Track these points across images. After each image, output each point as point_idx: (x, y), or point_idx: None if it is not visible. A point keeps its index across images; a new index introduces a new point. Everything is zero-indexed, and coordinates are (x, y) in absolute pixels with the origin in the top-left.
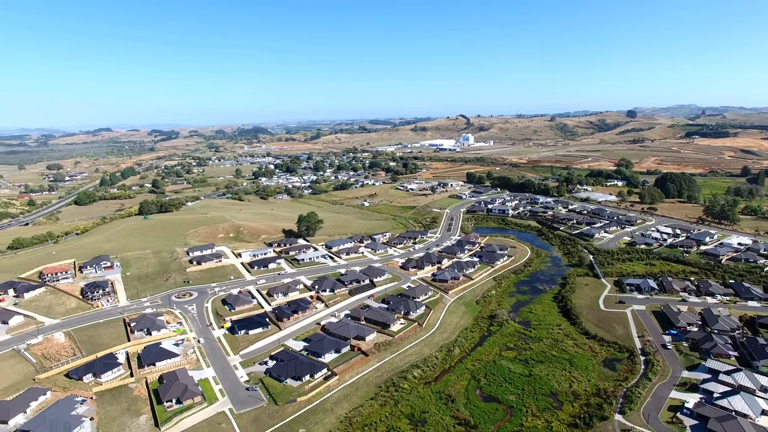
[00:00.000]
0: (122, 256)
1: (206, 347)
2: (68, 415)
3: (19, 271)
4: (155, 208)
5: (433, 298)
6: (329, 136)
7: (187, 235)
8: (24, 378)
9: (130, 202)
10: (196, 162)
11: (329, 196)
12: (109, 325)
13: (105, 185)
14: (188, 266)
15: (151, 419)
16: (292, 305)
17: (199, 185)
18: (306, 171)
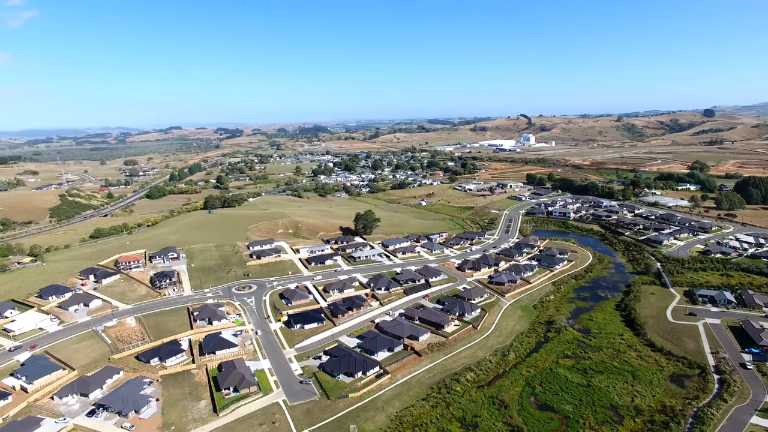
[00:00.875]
0: (188, 248)
1: (263, 339)
2: (137, 394)
3: (98, 258)
4: (219, 203)
5: (488, 301)
6: (388, 135)
7: (248, 229)
8: (101, 357)
9: (196, 196)
10: (258, 159)
11: (387, 194)
12: (174, 313)
13: (174, 180)
14: (248, 260)
15: (210, 405)
16: (347, 302)
17: (260, 182)
18: (364, 169)
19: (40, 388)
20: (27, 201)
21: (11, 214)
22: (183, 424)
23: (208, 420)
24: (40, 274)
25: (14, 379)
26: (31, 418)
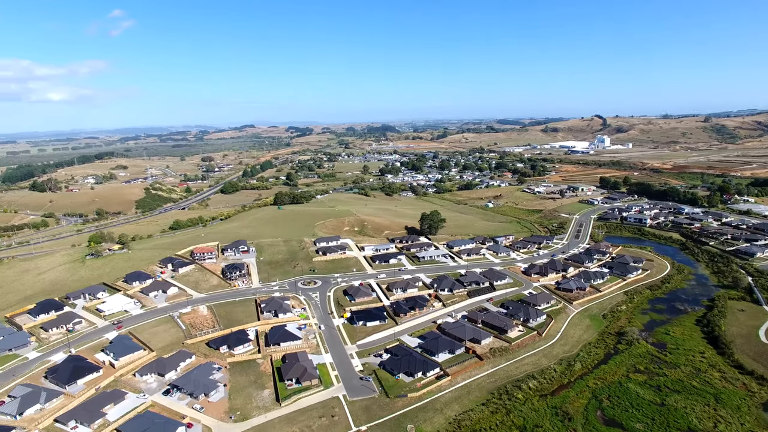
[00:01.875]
0: (257, 242)
1: (326, 334)
2: (207, 378)
3: (176, 248)
4: (288, 199)
5: (555, 308)
6: (456, 135)
7: (315, 226)
8: (176, 341)
9: (266, 192)
10: (327, 157)
11: (453, 195)
12: (242, 304)
13: (246, 176)
14: (314, 256)
15: (274, 394)
16: (409, 301)
17: (328, 179)
18: (431, 169)
19: (124, 365)
20: (118, 193)
21: (104, 205)
22: (247, 411)
23: (271, 408)
24: (127, 261)
25: (104, 355)
26: (118, 392)
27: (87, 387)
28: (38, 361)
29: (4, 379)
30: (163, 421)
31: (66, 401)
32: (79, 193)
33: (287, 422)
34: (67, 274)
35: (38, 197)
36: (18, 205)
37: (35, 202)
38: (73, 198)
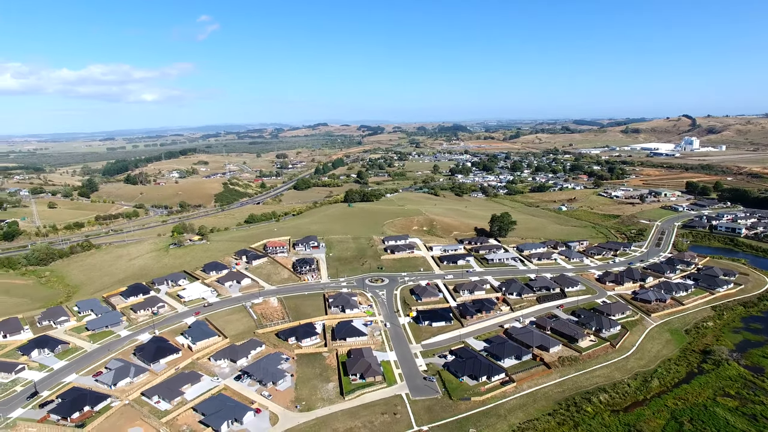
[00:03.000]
0: (327, 238)
1: (391, 332)
2: (276, 367)
3: (250, 241)
4: (358, 197)
5: (630, 319)
6: (529, 136)
7: (384, 224)
8: (247, 330)
9: (337, 190)
10: (397, 156)
11: (525, 197)
12: (311, 298)
13: (318, 174)
14: (383, 254)
15: (338, 387)
16: (476, 304)
17: (398, 178)
18: (502, 170)
19: (201, 349)
20: (198, 187)
21: (187, 198)
22: (312, 402)
23: (335, 401)
24: (205, 252)
25: (183, 338)
26: (194, 373)
27: (168, 366)
28: (128, 339)
29: (102, 353)
30: (234, 404)
31: (150, 377)
32: (165, 187)
33: (350, 416)
34: (153, 261)
35: (131, 189)
36: (114, 196)
37: (128, 193)
38: (160, 191)
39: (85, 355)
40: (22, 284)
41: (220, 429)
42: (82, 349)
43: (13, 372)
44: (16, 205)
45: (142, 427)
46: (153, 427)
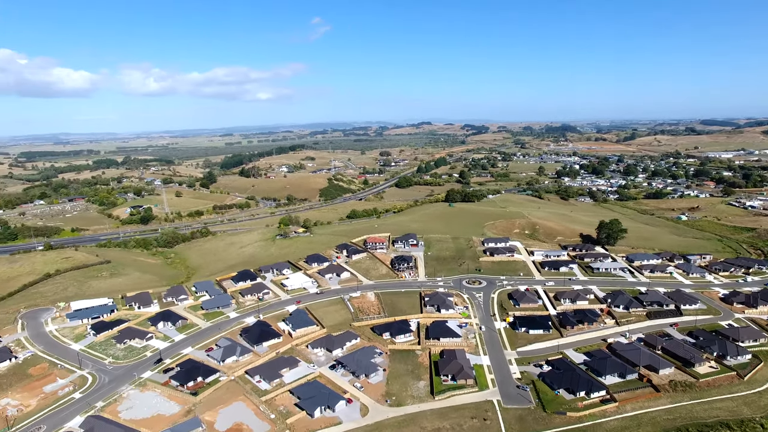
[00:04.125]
0: (426, 236)
1: (486, 335)
2: (369, 361)
3: (351, 236)
4: (459, 197)
5: (765, 348)
6: (646, 138)
7: (485, 226)
8: (344, 321)
9: (438, 189)
10: (501, 157)
11: (638, 204)
12: (407, 295)
13: (420, 172)
14: (481, 255)
15: (429, 387)
16: (578, 314)
17: (501, 179)
18: (614, 174)
19: (300, 336)
20: (305, 182)
21: (294, 192)
22: (402, 398)
23: (425, 400)
24: (308, 244)
25: (284, 325)
26: (293, 359)
27: (270, 350)
28: (236, 321)
29: (213, 331)
30: (327, 392)
31: (254, 358)
32: (275, 180)
33: (439, 416)
34: (260, 250)
35: (244, 182)
36: (230, 188)
37: (242, 185)
38: (269, 184)
39: (200, 332)
40: (152, 263)
41: (314, 414)
42: (197, 326)
43: (144, 339)
44: (151, 193)
45: (245, 403)
46: (253, 403)
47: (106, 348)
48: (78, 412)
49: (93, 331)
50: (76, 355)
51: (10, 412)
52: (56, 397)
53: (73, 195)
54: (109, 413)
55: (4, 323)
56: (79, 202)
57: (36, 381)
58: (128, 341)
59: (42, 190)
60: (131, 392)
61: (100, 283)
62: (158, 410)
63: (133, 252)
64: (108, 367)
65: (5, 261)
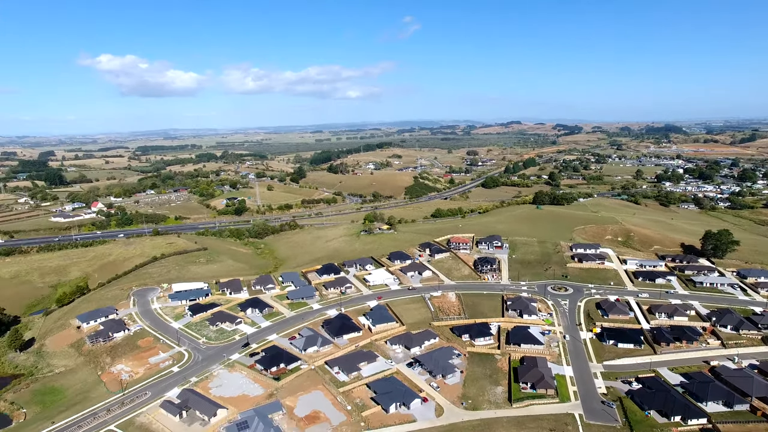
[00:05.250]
0: (511, 239)
1: (570, 345)
2: (446, 361)
3: (434, 235)
4: (548, 199)
5: None
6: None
7: (574, 230)
8: (423, 320)
9: (526, 190)
10: (595, 158)
11: (755, 213)
12: (489, 298)
13: (508, 173)
14: (569, 261)
15: (506, 393)
16: (675, 331)
17: (593, 182)
18: (726, 180)
19: (379, 332)
20: (391, 179)
21: (379, 189)
22: (478, 402)
23: (502, 406)
24: (392, 241)
25: (365, 319)
26: (371, 353)
27: (350, 343)
28: (318, 313)
29: (297, 321)
30: (404, 389)
31: (333, 350)
32: (361, 177)
33: (515, 425)
34: (345, 245)
35: (332, 177)
36: (318, 183)
37: (330, 181)
38: (356, 180)
39: (284, 320)
40: (244, 252)
41: (389, 409)
42: (282, 314)
43: (234, 323)
44: (245, 186)
45: (323, 392)
46: (331, 393)
47: (200, 329)
48: (176, 384)
49: (190, 312)
50: (175, 332)
51: (124, 377)
52: (159, 368)
53: (177, 186)
54: (201, 388)
55: (120, 298)
56: (183, 193)
57: (143, 352)
58: (220, 324)
59: (153, 181)
60: (221, 371)
61: (197, 268)
62: (244, 390)
63: (227, 241)
64: (201, 347)
65: (122, 243)
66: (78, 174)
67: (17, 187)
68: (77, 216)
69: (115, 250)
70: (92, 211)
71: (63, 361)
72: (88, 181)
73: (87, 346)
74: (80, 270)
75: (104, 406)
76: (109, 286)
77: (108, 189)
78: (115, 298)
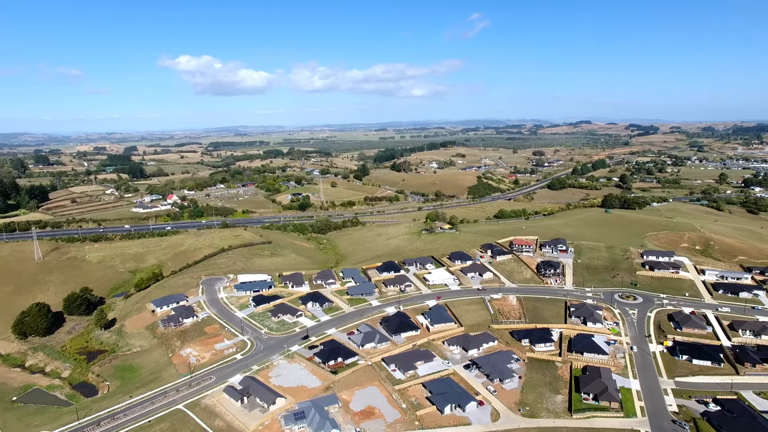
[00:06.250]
0: (576, 243)
1: (638, 357)
2: (505, 365)
3: (496, 236)
4: (618, 202)
5: None
6: None
7: (645, 236)
8: (482, 322)
9: (594, 193)
10: (672, 161)
11: None
12: (551, 303)
13: (575, 174)
14: (639, 269)
15: (566, 403)
16: (763, 351)
17: (669, 186)
18: None
19: (437, 332)
20: (454, 178)
21: (442, 188)
22: (536, 410)
23: (561, 416)
24: (452, 240)
25: (423, 318)
26: (428, 352)
27: (407, 341)
28: (377, 310)
29: (356, 316)
30: (459, 390)
31: (391, 347)
32: (424, 176)
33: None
34: (405, 243)
35: (394, 176)
36: (381, 180)
37: (392, 179)
38: (419, 179)
39: (343, 315)
40: (306, 247)
41: (444, 410)
42: (342, 309)
43: (295, 316)
44: (309, 182)
45: (379, 388)
46: (387, 390)
47: (263, 319)
48: (238, 371)
49: (254, 303)
50: (239, 321)
51: (192, 361)
52: (223, 354)
53: (245, 181)
54: (262, 377)
55: (190, 286)
56: (250, 188)
57: (209, 338)
58: (281, 316)
59: (223, 175)
60: (281, 362)
61: (261, 261)
62: (302, 382)
63: (290, 235)
64: (263, 337)
65: (193, 234)
66: (156, 168)
67: (105, 179)
68: (155, 207)
69: (187, 241)
70: (168, 202)
71: (139, 341)
72: (165, 175)
73: (160, 330)
74: (156, 258)
75: (174, 386)
76: (180, 274)
77: (182, 182)
78: (186, 285)
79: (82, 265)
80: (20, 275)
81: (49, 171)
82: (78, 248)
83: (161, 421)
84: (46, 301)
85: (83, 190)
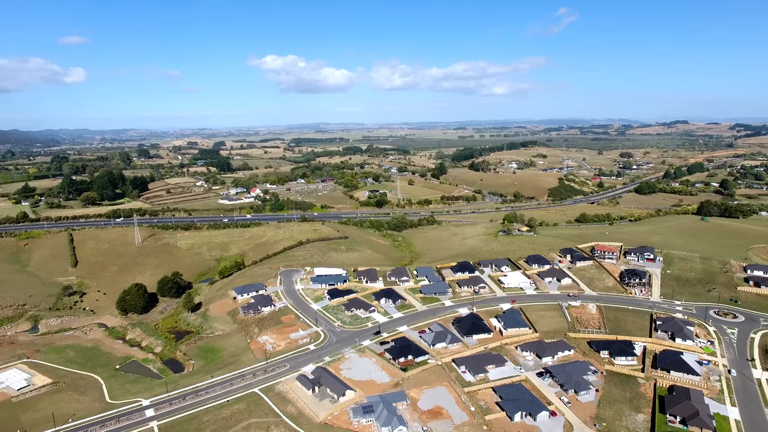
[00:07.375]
0: (666, 252)
1: (737, 383)
2: (581, 377)
3: (577, 241)
4: (717, 210)
5: None
6: None
7: (750, 249)
8: (558, 329)
9: (689, 199)
10: None
11: None
12: (635, 314)
13: (668, 178)
14: (741, 284)
15: (649, 423)
16: None
17: None
18: None
19: (510, 336)
20: (534, 179)
21: (521, 189)
22: (615, 427)
23: None
24: (530, 243)
25: (496, 321)
26: (500, 357)
27: (479, 343)
28: (450, 310)
29: (428, 315)
30: (531, 398)
31: (462, 348)
32: (503, 176)
33: None
34: (481, 244)
35: (472, 175)
36: (458, 180)
37: (470, 179)
38: (497, 179)
39: (416, 313)
40: (382, 243)
41: (513, 417)
42: (414, 307)
43: (368, 311)
44: (387, 179)
45: (447, 389)
46: (456, 392)
47: (336, 312)
48: (311, 361)
49: (328, 296)
50: (314, 313)
51: (268, 348)
52: (297, 344)
53: (325, 176)
54: (333, 368)
55: (269, 276)
56: (329, 183)
57: (285, 327)
58: (354, 310)
59: (303, 170)
60: (352, 355)
61: (337, 255)
62: (372, 376)
63: (366, 231)
64: (336, 329)
65: (273, 227)
66: (242, 162)
67: (196, 171)
68: (239, 199)
69: (267, 233)
70: (251, 195)
71: (221, 325)
72: (249, 169)
73: (240, 316)
74: (238, 248)
75: (251, 370)
76: (260, 264)
77: (265, 176)
78: (265, 275)
79: (174, 251)
80: (123, 257)
81: (149, 163)
82: (171, 235)
83: (238, 402)
84: (143, 282)
85: (177, 181)
